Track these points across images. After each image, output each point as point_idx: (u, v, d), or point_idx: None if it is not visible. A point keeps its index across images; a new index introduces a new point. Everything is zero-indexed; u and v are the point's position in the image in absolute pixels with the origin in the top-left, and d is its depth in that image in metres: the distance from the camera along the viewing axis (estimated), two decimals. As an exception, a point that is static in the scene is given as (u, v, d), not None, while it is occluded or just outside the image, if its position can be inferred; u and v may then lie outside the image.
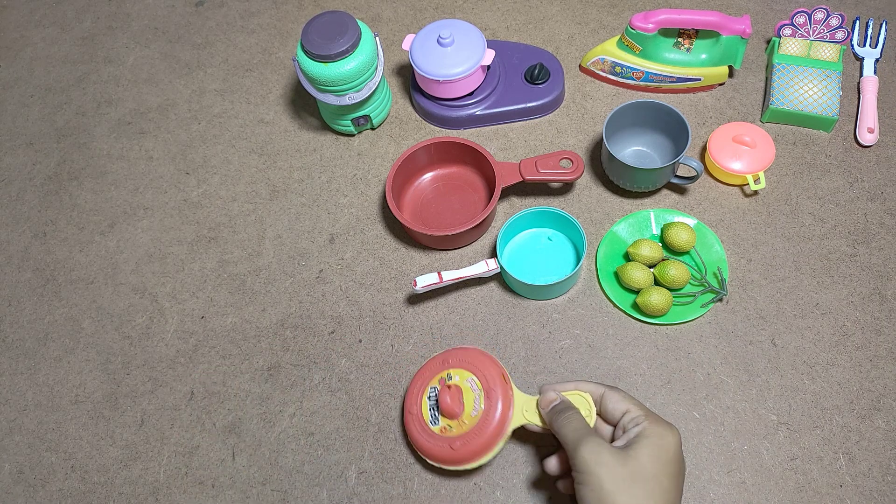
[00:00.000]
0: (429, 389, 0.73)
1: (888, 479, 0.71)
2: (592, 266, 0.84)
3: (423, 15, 1.06)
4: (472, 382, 0.70)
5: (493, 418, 0.68)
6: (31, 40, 1.12)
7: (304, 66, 0.85)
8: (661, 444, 0.58)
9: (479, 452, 0.68)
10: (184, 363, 0.83)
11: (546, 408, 0.65)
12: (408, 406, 0.73)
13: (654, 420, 0.60)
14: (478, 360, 0.72)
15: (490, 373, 0.70)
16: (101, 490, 0.77)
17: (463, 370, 0.71)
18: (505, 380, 0.70)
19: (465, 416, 0.69)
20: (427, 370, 0.74)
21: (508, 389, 0.69)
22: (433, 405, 0.72)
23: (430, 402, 0.72)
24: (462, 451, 0.68)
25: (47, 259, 0.92)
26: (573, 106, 0.96)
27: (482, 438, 0.68)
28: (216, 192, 0.94)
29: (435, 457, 0.70)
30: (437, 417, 0.71)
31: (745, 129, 0.87)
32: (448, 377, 0.72)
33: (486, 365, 0.71)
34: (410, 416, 0.72)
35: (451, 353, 0.74)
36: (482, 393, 0.69)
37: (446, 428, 0.70)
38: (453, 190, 0.90)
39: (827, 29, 0.92)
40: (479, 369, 0.71)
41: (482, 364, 0.71)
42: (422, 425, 0.71)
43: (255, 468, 0.76)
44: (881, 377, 0.76)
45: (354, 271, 0.86)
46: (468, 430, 0.68)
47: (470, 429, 0.68)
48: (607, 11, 1.04)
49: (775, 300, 0.80)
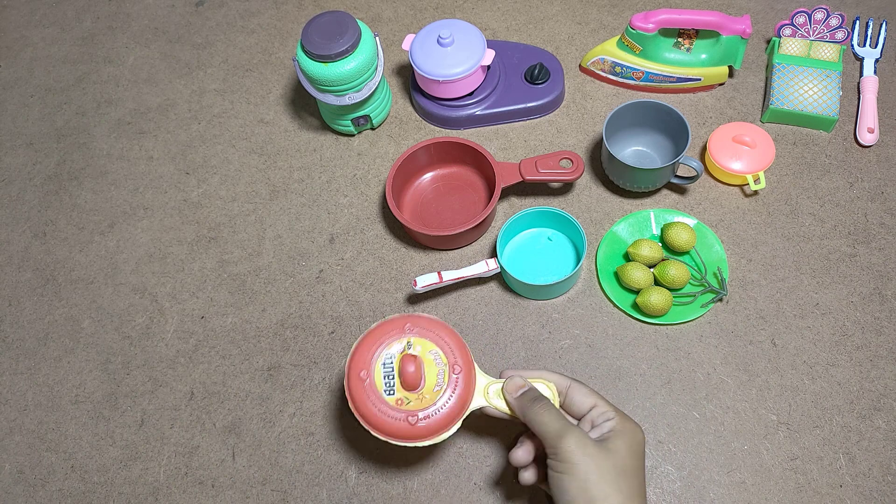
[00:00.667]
0: (383, 356, 0.65)
1: (888, 479, 0.71)
2: (592, 266, 0.84)
3: (423, 15, 1.06)
4: (435, 355, 0.65)
5: (457, 394, 0.63)
6: (31, 40, 1.12)
7: (304, 66, 0.85)
8: (634, 440, 0.59)
9: (438, 430, 0.63)
10: (184, 363, 0.83)
11: (514, 393, 0.63)
12: (354, 370, 0.65)
13: (624, 416, 0.61)
14: (442, 332, 0.66)
15: (455, 347, 0.66)
16: (101, 490, 0.77)
17: (426, 340, 0.66)
18: (468, 356, 0.66)
19: (427, 390, 0.64)
20: (382, 332, 0.67)
21: (472, 367, 0.66)
22: (388, 373, 0.65)
23: (386, 369, 0.65)
24: (420, 429, 0.63)
25: (47, 259, 0.92)
26: (573, 106, 0.96)
27: (442, 415, 0.63)
28: (216, 192, 0.94)
29: (387, 430, 0.64)
30: (392, 387, 0.64)
31: (745, 129, 0.87)
32: (409, 345, 0.66)
33: (451, 339, 0.66)
34: (360, 383, 0.64)
35: (412, 320, 0.67)
36: (447, 367, 0.64)
37: (403, 400, 0.64)
38: (453, 190, 0.90)
39: (827, 29, 0.92)
40: (445, 342, 0.66)
41: (447, 337, 0.66)
42: (376, 394, 0.64)
43: (255, 468, 0.76)
44: (881, 377, 0.76)
45: (354, 271, 0.86)
46: (429, 404, 0.63)
47: (431, 403, 0.63)
48: (607, 11, 1.04)
49: (775, 300, 0.80)
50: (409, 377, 0.63)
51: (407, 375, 0.63)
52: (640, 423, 0.74)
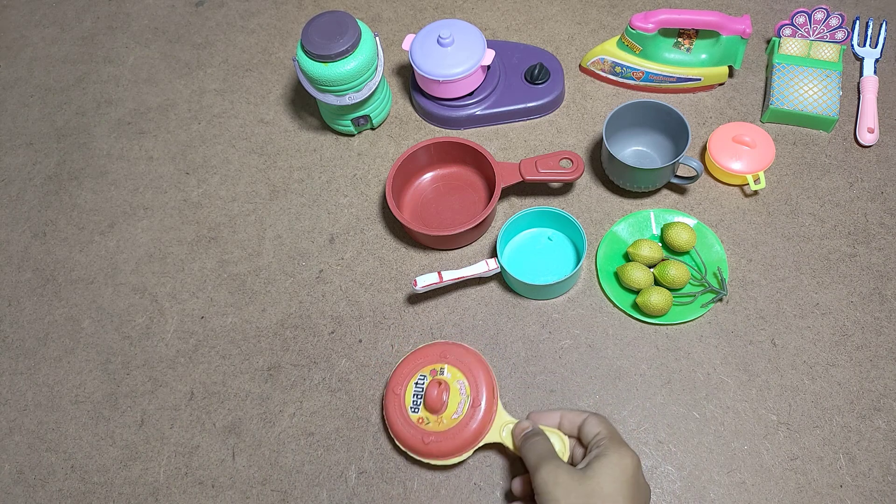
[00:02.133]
0: (418, 376, 0.73)
1: (888, 479, 0.71)
2: (592, 266, 0.84)
3: (423, 15, 1.06)
4: (461, 385, 0.71)
5: (470, 428, 0.69)
6: (31, 40, 1.12)
7: (304, 66, 0.85)
8: (618, 465, 0.60)
9: (447, 455, 0.70)
10: (184, 363, 0.83)
11: (519, 434, 0.67)
12: (392, 385, 0.74)
13: (615, 442, 0.62)
14: (474, 365, 0.73)
15: (482, 382, 0.71)
16: (101, 490, 0.77)
17: (457, 370, 0.72)
18: (493, 393, 0.71)
19: (446, 416, 0.70)
20: (422, 356, 0.75)
21: (494, 404, 0.71)
22: (418, 392, 0.72)
23: (417, 388, 0.72)
24: (431, 448, 0.70)
25: (47, 259, 0.92)
26: (573, 106, 0.96)
27: (454, 443, 0.69)
28: (216, 192, 0.94)
29: (404, 442, 0.72)
30: (418, 406, 0.72)
31: (745, 129, 0.87)
32: (441, 371, 0.73)
33: (481, 373, 0.72)
34: (393, 397, 0.73)
35: (450, 348, 0.74)
36: (469, 399, 0.70)
37: (424, 419, 0.71)
38: (453, 190, 0.90)
39: (827, 29, 0.92)
40: (473, 375, 0.72)
41: (477, 371, 0.72)
42: (402, 409, 0.72)
43: (255, 468, 0.76)
44: (881, 377, 0.76)
45: (354, 271, 0.86)
46: (444, 429, 0.70)
47: (446, 429, 0.70)
48: (607, 11, 1.04)
49: (775, 300, 0.80)
50: (432, 400, 0.70)
51: (430, 398, 0.70)
52: (639, 423, 0.75)
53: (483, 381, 0.71)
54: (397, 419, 0.72)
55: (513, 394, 0.78)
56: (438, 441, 0.69)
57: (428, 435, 0.70)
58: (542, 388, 0.78)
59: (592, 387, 0.77)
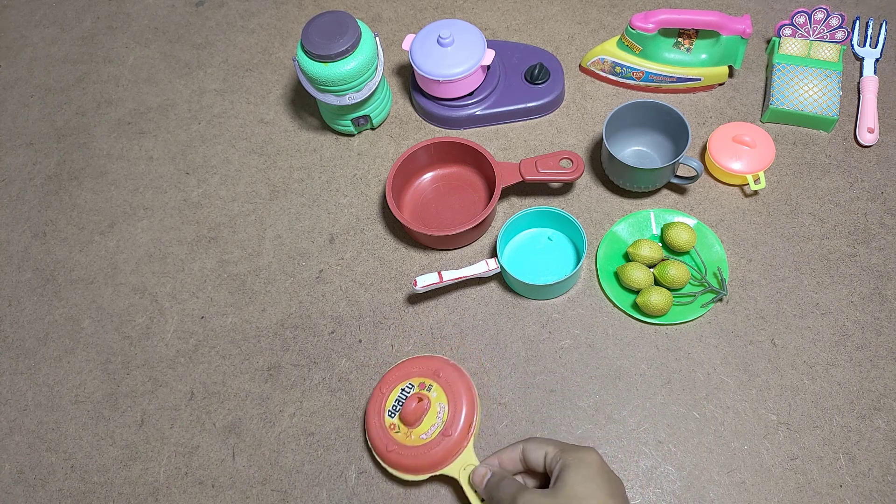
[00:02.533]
0: (407, 383, 0.74)
1: (888, 479, 0.71)
2: (592, 266, 0.84)
3: (423, 15, 1.06)
4: (441, 409, 0.71)
5: (433, 453, 0.69)
6: (31, 40, 1.12)
7: (304, 66, 0.85)
8: (583, 465, 0.60)
9: (403, 469, 0.70)
10: (184, 363, 0.83)
11: (481, 484, 0.66)
12: (382, 383, 0.74)
13: (571, 449, 0.62)
14: (461, 395, 0.72)
15: (461, 414, 0.71)
16: (101, 490, 0.77)
17: (443, 393, 0.72)
18: (468, 430, 0.71)
19: (416, 432, 0.70)
20: (418, 365, 0.75)
21: (465, 441, 0.70)
22: (401, 399, 0.73)
23: (402, 395, 0.73)
24: (392, 457, 0.70)
25: (47, 259, 0.92)
26: (573, 106, 0.96)
27: (413, 461, 0.69)
28: (216, 192, 0.94)
29: (371, 440, 0.73)
30: (395, 412, 0.72)
31: (745, 129, 0.87)
32: (428, 387, 0.73)
33: (464, 406, 0.71)
34: (378, 394, 0.74)
35: (446, 368, 0.74)
36: (442, 426, 0.70)
37: (395, 426, 0.72)
38: (453, 190, 0.90)
39: (827, 29, 0.92)
40: (456, 405, 0.71)
41: (461, 402, 0.71)
42: (381, 409, 0.73)
43: (255, 468, 0.76)
44: (881, 377, 0.76)
45: (354, 271, 0.86)
46: (409, 444, 0.70)
47: (411, 445, 0.70)
48: (607, 11, 1.04)
49: (775, 300, 0.80)
50: (407, 413, 0.70)
51: (406, 410, 0.70)
52: (639, 423, 0.75)
53: (464, 414, 0.71)
54: (373, 417, 0.73)
55: (513, 394, 0.78)
56: (399, 453, 0.70)
57: (392, 443, 0.70)
58: (542, 388, 0.78)
59: (592, 387, 0.77)
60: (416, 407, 0.70)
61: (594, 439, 0.75)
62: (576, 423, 0.76)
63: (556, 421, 0.76)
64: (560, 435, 0.75)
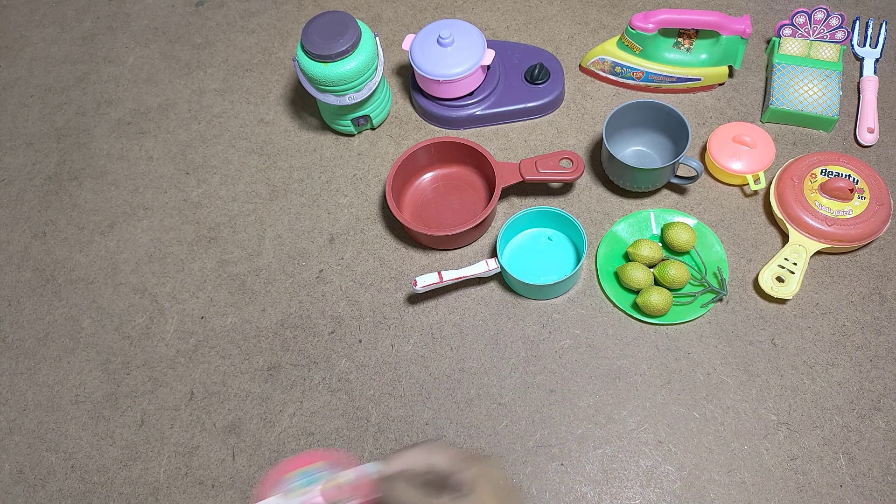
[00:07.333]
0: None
1: (888, 479, 0.71)
2: (592, 266, 0.84)
3: (423, 15, 1.06)
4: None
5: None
6: (31, 40, 1.12)
7: (304, 66, 0.85)
8: (490, 480, 0.53)
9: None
10: (184, 363, 0.83)
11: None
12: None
13: (472, 460, 0.54)
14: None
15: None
16: (101, 490, 0.77)
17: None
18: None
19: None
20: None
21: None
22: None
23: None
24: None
25: (47, 259, 0.92)
26: (573, 106, 0.96)
27: None
28: (216, 192, 0.94)
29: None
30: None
31: (745, 129, 0.87)
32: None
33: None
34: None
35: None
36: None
37: None
38: (453, 190, 0.90)
39: (827, 29, 0.92)
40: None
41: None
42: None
43: (255, 468, 0.76)
44: (881, 377, 0.76)
45: (354, 271, 0.86)
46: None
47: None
48: (607, 11, 1.04)
49: (775, 300, 0.80)
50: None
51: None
52: (639, 423, 0.75)
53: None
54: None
55: (513, 394, 0.78)
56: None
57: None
58: (542, 388, 0.78)
59: (592, 387, 0.77)
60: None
61: (594, 439, 0.75)
62: (576, 423, 0.76)
63: (556, 421, 0.76)
64: (560, 435, 0.75)
